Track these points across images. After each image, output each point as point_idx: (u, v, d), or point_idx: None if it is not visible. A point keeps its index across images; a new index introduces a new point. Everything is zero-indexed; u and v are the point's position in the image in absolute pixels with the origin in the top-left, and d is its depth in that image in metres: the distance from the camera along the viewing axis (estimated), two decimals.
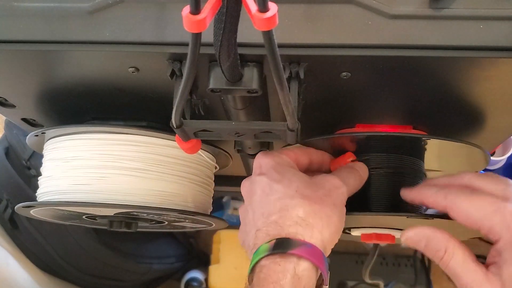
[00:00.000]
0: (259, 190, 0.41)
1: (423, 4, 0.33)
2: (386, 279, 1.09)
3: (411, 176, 0.47)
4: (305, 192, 0.40)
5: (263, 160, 0.43)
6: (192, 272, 1.16)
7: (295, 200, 0.39)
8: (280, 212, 0.38)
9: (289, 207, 0.38)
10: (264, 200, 0.40)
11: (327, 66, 0.36)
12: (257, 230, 0.39)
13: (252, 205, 0.41)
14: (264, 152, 0.44)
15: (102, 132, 0.46)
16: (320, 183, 0.41)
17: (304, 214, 0.38)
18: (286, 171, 0.41)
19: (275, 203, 0.39)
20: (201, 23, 0.25)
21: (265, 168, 0.42)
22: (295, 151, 0.44)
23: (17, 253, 0.87)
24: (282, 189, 0.40)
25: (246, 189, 0.44)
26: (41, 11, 0.35)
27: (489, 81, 0.37)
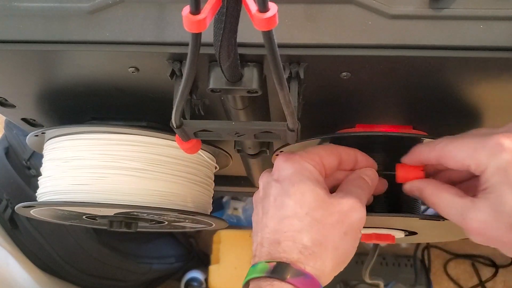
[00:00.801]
0: (272, 198, 0.39)
1: (423, 4, 0.33)
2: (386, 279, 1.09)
3: None
4: (316, 215, 0.38)
5: (282, 165, 0.40)
6: (192, 272, 1.16)
7: (303, 223, 0.37)
8: (286, 233, 0.37)
9: (296, 231, 0.37)
10: (273, 212, 0.39)
11: (327, 66, 0.36)
12: (261, 240, 0.38)
13: (264, 207, 0.40)
14: (286, 156, 0.40)
15: (102, 132, 0.46)
16: (336, 205, 0.38)
17: (310, 242, 0.37)
18: (302, 185, 0.38)
19: (283, 221, 0.38)
20: (201, 23, 0.25)
21: (282, 175, 0.40)
22: (321, 154, 0.41)
23: (17, 253, 0.87)
24: (293, 206, 0.38)
25: (263, 184, 0.42)
26: (41, 11, 0.35)
27: (489, 81, 0.37)
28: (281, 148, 0.49)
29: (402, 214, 0.46)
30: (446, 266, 1.21)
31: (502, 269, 1.18)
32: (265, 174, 0.42)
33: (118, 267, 0.99)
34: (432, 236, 0.63)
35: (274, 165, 0.41)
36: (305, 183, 0.38)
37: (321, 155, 0.41)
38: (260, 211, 0.40)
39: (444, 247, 1.22)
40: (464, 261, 1.21)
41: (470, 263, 1.21)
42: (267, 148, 0.53)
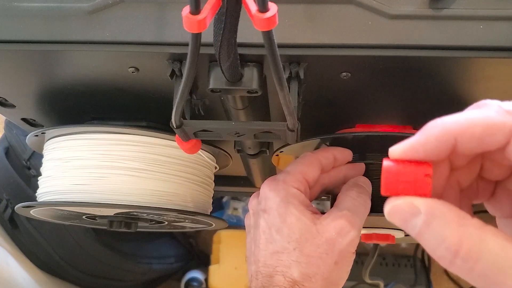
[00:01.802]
0: (261, 229, 0.40)
1: (423, 4, 0.33)
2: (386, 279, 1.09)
3: None
4: (304, 249, 0.38)
5: (267, 193, 0.40)
6: (192, 272, 1.16)
7: (291, 258, 0.38)
8: (277, 268, 0.38)
9: (284, 266, 0.38)
10: (263, 245, 0.39)
11: (327, 66, 0.36)
12: (256, 273, 0.39)
13: (254, 239, 0.41)
14: (270, 183, 0.40)
15: (102, 132, 0.46)
16: (322, 233, 0.38)
17: (300, 277, 0.37)
18: (288, 215, 0.38)
19: (272, 256, 0.38)
20: (201, 23, 0.25)
21: (268, 206, 0.40)
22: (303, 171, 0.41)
23: (17, 253, 0.87)
24: (281, 241, 0.38)
25: (252, 211, 0.43)
26: (41, 11, 0.35)
27: (489, 81, 0.37)
28: (281, 148, 0.49)
29: None
30: None
31: None
32: (254, 200, 0.43)
33: (118, 267, 0.99)
34: None
35: (260, 192, 0.41)
36: (292, 213, 0.38)
37: (303, 172, 0.41)
38: (252, 241, 0.41)
39: None
40: None
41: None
42: (267, 148, 0.53)
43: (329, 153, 0.43)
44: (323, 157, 0.42)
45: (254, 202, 0.43)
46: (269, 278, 0.38)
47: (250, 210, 0.43)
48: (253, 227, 0.42)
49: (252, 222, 0.42)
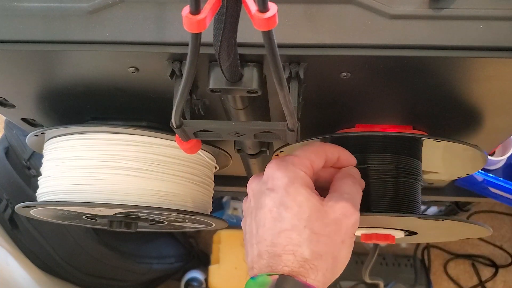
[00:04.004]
0: (267, 209, 0.39)
1: (423, 4, 0.33)
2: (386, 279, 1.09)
3: (410, 176, 0.47)
4: (314, 227, 0.38)
5: (275, 173, 0.39)
6: (192, 272, 1.16)
7: (302, 237, 0.37)
8: (286, 246, 0.37)
9: (295, 245, 0.37)
10: (270, 224, 0.38)
11: (327, 66, 0.36)
12: (258, 252, 0.38)
13: (256, 220, 0.39)
14: (278, 163, 0.40)
15: (102, 132, 0.46)
16: (330, 213, 0.38)
17: (310, 255, 0.37)
18: (298, 196, 0.38)
19: (281, 235, 0.37)
20: (201, 23, 0.25)
21: (276, 185, 0.39)
22: (311, 158, 0.40)
23: (17, 253, 0.87)
24: (290, 219, 0.37)
25: (253, 192, 0.41)
26: (41, 11, 0.35)
27: (489, 81, 0.37)
28: (281, 148, 0.49)
29: (402, 214, 0.46)
30: (446, 266, 1.21)
31: (502, 269, 1.18)
32: (255, 181, 0.42)
33: (118, 267, 0.99)
34: (432, 236, 0.63)
35: (266, 172, 0.40)
36: (301, 193, 0.38)
37: (311, 159, 0.40)
38: (253, 222, 0.40)
39: (444, 247, 1.22)
40: (464, 261, 1.21)
41: (470, 263, 1.21)
42: (267, 148, 0.53)
43: (335, 150, 0.43)
44: (329, 150, 0.42)
45: (254, 184, 0.41)
46: (277, 257, 0.37)
47: (250, 192, 0.42)
48: (255, 208, 0.40)
49: (253, 203, 0.41)
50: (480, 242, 1.21)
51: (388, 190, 0.46)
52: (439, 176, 0.60)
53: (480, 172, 0.72)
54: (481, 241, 1.20)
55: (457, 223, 0.47)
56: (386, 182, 0.46)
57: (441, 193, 0.79)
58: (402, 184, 0.46)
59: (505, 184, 0.73)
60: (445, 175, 0.62)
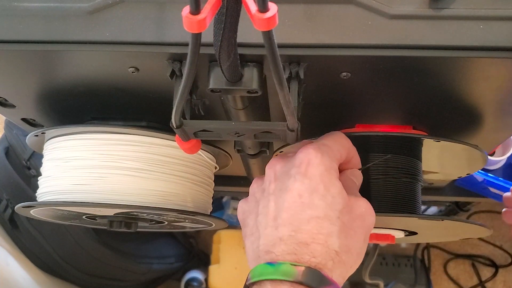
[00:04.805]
0: (296, 192, 0.36)
1: (423, 4, 0.33)
2: (386, 279, 1.09)
3: (410, 176, 0.47)
4: (345, 219, 0.36)
5: (313, 160, 0.37)
6: (192, 272, 1.16)
7: (334, 228, 0.35)
8: (315, 235, 0.35)
9: (326, 234, 0.35)
10: (298, 207, 0.36)
11: (327, 66, 0.36)
12: (280, 236, 0.35)
13: (279, 201, 0.37)
14: (315, 149, 0.37)
15: (102, 132, 0.46)
16: (356, 208, 0.38)
17: (340, 248, 0.35)
18: (332, 185, 0.37)
19: (311, 221, 0.35)
20: (201, 23, 0.25)
21: (311, 171, 0.36)
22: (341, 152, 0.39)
23: (17, 253, 0.87)
24: (323, 207, 0.35)
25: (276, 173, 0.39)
26: (41, 11, 0.35)
27: (489, 81, 0.37)
28: (281, 148, 0.49)
29: (402, 214, 0.46)
30: (446, 266, 1.21)
31: (502, 269, 1.18)
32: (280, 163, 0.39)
33: (118, 267, 0.99)
34: (432, 236, 0.63)
35: (299, 156, 0.37)
36: (335, 185, 0.37)
37: (341, 153, 0.39)
38: (272, 203, 0.37)
39: (444, 247, 1.22)
40: (464, 261, 1.21)
41: (470, 263, 1.21)
42: (267, 148, 0.53)
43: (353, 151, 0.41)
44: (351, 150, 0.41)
45: (280, 165, 0.39)
46: (303, 245, 0.34)
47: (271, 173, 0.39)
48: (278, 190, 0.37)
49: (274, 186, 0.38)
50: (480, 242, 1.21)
51: (388, 190, 0.46)
52: (439, 176, 0.60)
53: (480, 172, 0.72)
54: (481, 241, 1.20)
55: (457, 223, 0.47)
56: (386, 182, 0.46)
57: (441, 193, 0.79)
58: (402, 184, 0.46)
59: (505, 184, 0.73)
60: (445, 175, 0.62)
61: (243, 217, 0.41)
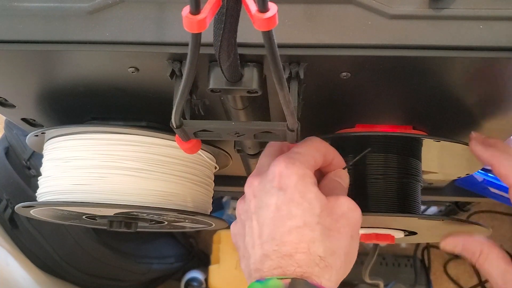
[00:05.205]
0: (274, 206, 0.37)
1: (423, 4, 0.33)
2: (386, 279, 1.09)
3: (410, 176, 0.47)
4: (326, 222, 0.37)
5: (284, 171, 0.37)
6: (192, 272, 1.16)
7: (316, 233, 0.36)
8: (297, 244, 0.35)
9: (308, 242, 0.35)
10: (278, 221, 0.36)
11: (327, 66, 0.36)
12: (265, 253, 0.36)
13: (260, 220, 0.37)
14: (286, 160, 0.38)
15: (102, 132, 0.46)
16: (336, 208, 0.38)
17: (324, 253, 0.35)
18: (307, 191, 0.37)
19: (292, 232, 0.35)
20: (201, 23, 0.25)
21: (285, 183, 0.37)
22: (315, 157, 0.39)
23: (17, 253, 0.87)
24: (301, 215, 0.36)
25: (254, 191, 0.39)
26: (41, 11, 0.35)
27: (489, 81, 0.37)
28: None
29: (402, 214, 0.46)
30: (446, 266, 1.21)
31: None
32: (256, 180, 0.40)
33: (118, 267, 0.99)
34: (432, 236, 0.63)
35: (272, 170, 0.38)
36: (311, 190, 0.37)
37: (315, 157, 0.39)
38: (254, 222, 0.38)
39: None
40: (464, 261, 1.21)
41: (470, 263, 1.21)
42: None
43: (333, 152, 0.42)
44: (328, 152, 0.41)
45: (256, 182, 0.39)
46: (287, 257, 0.35)
47: (250, 192, 0.40)
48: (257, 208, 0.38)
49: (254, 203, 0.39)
50: None
51: (388, 190, 0.46)
52: (439, 176, 0.60)
53: (480, 172, 0.72)
54: None
55: (457, 223, 0.47)
56: (386, 182, 0.46)
57: (441, 193, 0.79)
58: (402, 184, 0.46)
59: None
60: (445, 175, 0.62)
61: (234, 240, 0.42)
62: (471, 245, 0.43)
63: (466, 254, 0.44)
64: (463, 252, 0.44)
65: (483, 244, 0.43)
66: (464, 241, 0.44)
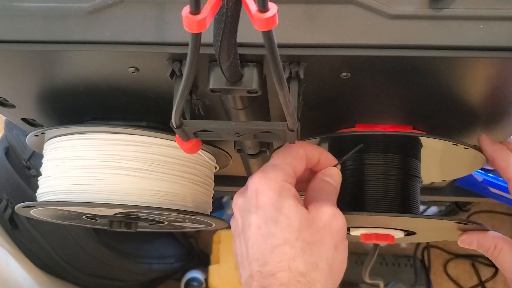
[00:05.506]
0: (254, 226, 0.37)
1: (423, 4, 0.33)
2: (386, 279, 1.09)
3: (410, 176, 0.47)
4: (306, 235, 0.36)
5: (260, 188, 0.37)
6: (192, 272, 1.16)
7: (296, 249, 0.35)
8: (280, 263, 0.35)
9: (289, 259, 0.35)
10: (259, 241, 0.36)
11: (327, 66, 0.36)
12: (250, 274, 0.36)
13: (245, 240, 0.38)
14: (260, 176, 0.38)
15: (102, 132, 0.46)
16: (317, 219, 0.37)
17: (306, 268, 0.35)
18: (285, 207, 0.37)
19: (273, 251, 0.36)
20: (201, 23, 0.25)
21: (262, 200, 0.37)
22: (292, 164, 0.39)
23: (17, 253, 0.87)
24: (280, 233, 0.36)
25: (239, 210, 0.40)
26: (41, 11, 0.35)
27: (489, 81, 0.37)
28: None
29: (401, 214, 0.46)
30: (446, 266, 1.21)
31: None
32: (240, 198, 0.40)
33: (118, 267, 0.99)
34: (431, 236, 0.63)
35: (249, 188, 0.38)
36: (289, 204, 0.37)
37: (293, 166, 0.39)
38: (242, 243, 0.38)
39: (444, 247, 1.22)
40: (464, 261, 1.21)
41: (470, 263, 1.21)
42: (267, 148, 0.53)
43: (316, 152, 0.41)
44: (310, 154, 0.40)
45: (240, 201, 0.40)
46: (270, 277, 0.35)
47: (236, 211, 0.40)
48: (242, 228, 0.39)
49: (240, 223, 0.39)
50: None
51: (387, 190, 0.46)
52: (438, 176, 0.60)
53: (480, 172, 0.72)
54: None
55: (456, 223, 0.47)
56: (385, 182, 0.46)
57: (441, 193, 0.79)
58: (401, 184, 0.46)
59: (505, 183, 0.73)
60: (444, 175, 0.62)
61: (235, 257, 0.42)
62: (485, 241, 0.45)
63: (481, 250, 0.45)
64: (478, 248, 0.45)
65: (496, 238, 0.44)
66: (479, 237, 0.45)
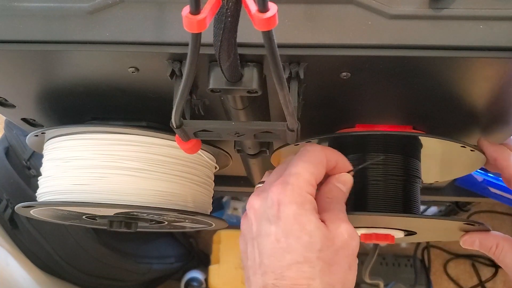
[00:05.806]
0: (273, 237, 0.36)
1: (423, 4, 0.33)
2: (386, 279, 1.09)
3: (410, 176, 0.47)
4: (326, 255, 0.35)
5: (282, 199, 0.36)
6: (192, 272, 1.16)
7: (316, 269, 0.35)
8: (296, 280, 0.35)
9: (308, 279, 0.35)
10: (277, 253, 0.35)
11: (327, 66, 0.36)
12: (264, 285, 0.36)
13: (260, 248, 0.37)
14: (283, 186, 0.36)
15: (102, 132, 0.46)
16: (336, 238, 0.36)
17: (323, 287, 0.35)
18: (308, 223, 0.36)
19: (291, 267, 0.35)
20: (201, 23, 0.25)
21: (283, 212, 0.36)
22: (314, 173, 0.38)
23: (17, 253, 0.87)
24: (302, 250, 0.35)
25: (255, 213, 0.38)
26: (41, 11, 0.35)
27: (489, 81, 0.37)
28: (280, 148, 0.49)
29: (401, 214, 0.46)
30: (446, 266, 1.21)
31: (502, 269, 1.18)
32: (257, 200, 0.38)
33: (118, 267, 0.99)
34: (432, 236, 0.63)
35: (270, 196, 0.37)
36: (311, 221, 0.36)
37: (315, 175, 0.38)
38: (255, 249, 0.37)
39: (444, 247, 1.22)
40: (464, 261, 1.21)
41: (470, 263, 1.21)
42: (267, 148, 0.53)
43: (334, 156, 0.40)
44: (329, 160, 0.39)
45: (257, 204, 0.38)
46: None
47: (251, 212, 0.39)
48: (257, 234, 0.37)
49: (256, 227, 0.38)
50: None
51: (387, 190, 0.46)
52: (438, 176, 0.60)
53: (480, 172, 0.72)
54: None
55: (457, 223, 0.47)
56: (385, 182, 0.46)
57: (441, 193, 0.79)
58: (401, 184, 0.46)
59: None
60: (444, 175, 0.62)
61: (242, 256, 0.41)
62: (487, 241, 0.45)
63: (483, 249, 0.45)
64: (480, 248, 0.46)
65: (498, 238, 0.45)
66: (481, 237, 0.46)
